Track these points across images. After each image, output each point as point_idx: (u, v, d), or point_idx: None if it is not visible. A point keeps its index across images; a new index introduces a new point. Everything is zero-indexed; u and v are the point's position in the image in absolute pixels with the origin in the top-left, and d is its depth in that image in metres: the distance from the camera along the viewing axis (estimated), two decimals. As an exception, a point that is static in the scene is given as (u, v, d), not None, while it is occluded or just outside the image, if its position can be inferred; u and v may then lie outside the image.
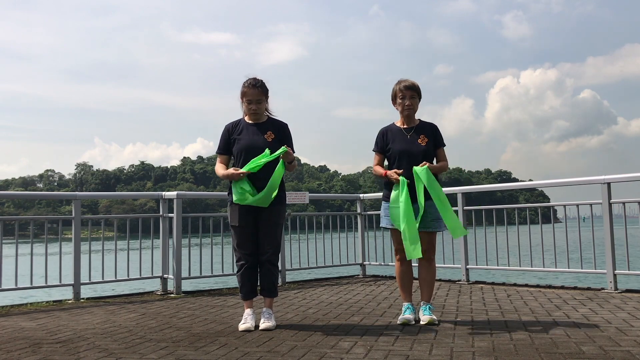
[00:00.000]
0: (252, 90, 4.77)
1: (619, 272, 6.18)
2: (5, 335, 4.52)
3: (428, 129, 4.82)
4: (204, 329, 4.59)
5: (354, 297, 6.29)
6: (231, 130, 4.88)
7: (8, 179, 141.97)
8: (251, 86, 4.78)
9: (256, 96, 4.77)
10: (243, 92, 4.80)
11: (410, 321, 4.56)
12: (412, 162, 4.66)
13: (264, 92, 4.82)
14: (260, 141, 4.73)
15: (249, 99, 4.77)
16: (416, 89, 4.81)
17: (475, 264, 7.52)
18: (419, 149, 4.69)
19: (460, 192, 7.44)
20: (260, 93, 4.79)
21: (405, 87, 4.78)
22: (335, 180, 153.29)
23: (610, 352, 3.49)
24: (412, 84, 4.81)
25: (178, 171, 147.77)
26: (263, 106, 4.83)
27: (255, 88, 4.78)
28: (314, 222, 8.44)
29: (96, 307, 5.92)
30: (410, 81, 4.83)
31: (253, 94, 4.77)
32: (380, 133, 4.93)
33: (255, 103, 4.77)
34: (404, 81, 4.84)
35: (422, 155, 4.68)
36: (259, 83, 4.81)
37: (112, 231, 7.55)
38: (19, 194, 13.24)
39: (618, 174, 6.23)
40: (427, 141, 4.73)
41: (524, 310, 5.09)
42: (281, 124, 4.90)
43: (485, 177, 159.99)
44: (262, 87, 4.81)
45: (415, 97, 4.79)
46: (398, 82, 4.86)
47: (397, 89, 4.82)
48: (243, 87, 4.81)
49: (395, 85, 4.87)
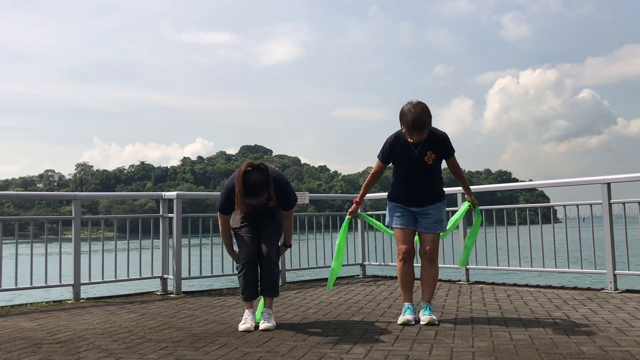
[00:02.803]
0: (254, 199, 4.42)
1: (619, 272, 6.18)
2: (5, 335, 4.52)
3: (437, 143, 4.64)
4: (204, 329, 4.58)
5: (354, 297, 6.29)
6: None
7: (8, 179, 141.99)
8: (253, 195, 4.38)
9: (258, 201, 4.46)
10: (242, 197, 4.37)
11: (411, 321, 4.56)
12: (416, 178, 4.70)
13: (267, 192, 4.42)
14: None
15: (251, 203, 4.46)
16: (426, 125, 4.45)
17: (475, 264, 7.52)
18: (425, 166, 4.66)
19: (460, 193, 7.43)
20: (263, 197, 4.43)
21: (413, 126, 4.43)
22: (335, 180, 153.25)
23: (610, 352, 3.49)
24: (421, 122, 4.41)
25: (178, 171, 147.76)
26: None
27: (257, 196, 4.39)
28: (314, 222, 8.44)
29: (96, 307, 5.91)
30: (419, 117, 4.41)
31: (255, 201, 4.44)
32: (389, 144, 4.72)
33: (257, 201, 4.47)
34: (414, 114, 4.41)
35: (427, 173, 4.69)
36: (263, 189, 4.36)
37: (112, 231, 7.55)
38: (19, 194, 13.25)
39: (618, 174, 6.23)
40: (434, 157, 4.66)
41: (524, 310, 5.09)
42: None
43: (485, 177, 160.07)
44: (266, 189, 4.39)
45: (423, 131, 4.49)
46: (409, 109, 4.46)
47: (405, 122, 4.49)
48: (242, 190, 4.33)
49: (406, 108, 4.49)
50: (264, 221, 4.72)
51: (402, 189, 4.76)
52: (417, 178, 4.71)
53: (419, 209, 4.73)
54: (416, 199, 4.72)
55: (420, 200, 4.72)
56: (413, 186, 4.71)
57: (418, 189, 4.71)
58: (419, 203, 4.72)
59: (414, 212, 4.75)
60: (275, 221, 4.77)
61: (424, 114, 4.44)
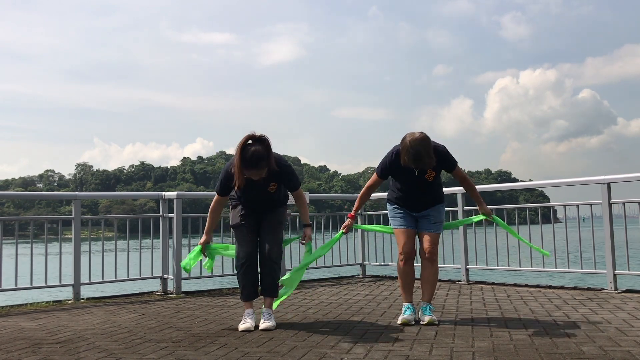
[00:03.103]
0: (253, 171, 4.33)
1: (619, 273, 6.18)
2: (5, 335, 4.52)
3: (438, 160, 4.57)
4: (204, 329, 4.58)
5: (354, 297, 6.29)
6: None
7: (8, 179, 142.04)
8: (252, 167, 4.29)
9: (259, 174, 4.37)
10: (240, 169, 4.30)
11: (411, 321, 4.57)
12: (415, 192, 4.71)
13: (267, 165, 4.34)
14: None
15: (248, 176, 4.36)
16: (423, 161, 4.36)
17: (475, 264, 7.52)
18: (425, 183, 4.67)
19: (460, 193, 7.43)
20: (263, 171, 4.35)
21: (412, 162, 4.37)
22: (335, 180, 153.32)
23: (610, 352, 3.49)
24: (418, 160, 4.33)
25: (178, 171, 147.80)
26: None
27: (257, 168, 4.30)
28: (314, 222, 8.43)
29: (96, 307, 5.91)
30: (418, 155, 4.31)
31: (255, 174, 4.35)
32: (387, 163, 4.66)
33: (256, 176, 4.38)
34: (413, 152, 4.31)
35: (427, 186, 4.69)
36: (262, 161, 4.26)
37: (112, 231, 7.55)
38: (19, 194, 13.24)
39: (618, 174, 6.23)
40: (434, 174, 4.67)
41: (524, 310, 5.09)
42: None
43: (485, 177, 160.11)
44: (266, 161, 4.30)
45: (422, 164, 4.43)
46: (410, 143, 4.34)
47: (405, 155, 4.40)
48: (240, 162, 4.26)
49: (407, 140, 4.37)
50: (265, 219, 4.71)
51: (401, 197, 4.80)
52: (416, 192, 4.74)
53: (419, 214, 4.79)
54: (416, 206, 4.78)
55: (420, 207, 4.78)
56: (412, 196, 4.76)
57: (418, 199, 4.76)
58: (419, 209, 4.78)
59: (414, 215, 4.79)
60: (276, 219, 4.76)
61: (424, 150, 4.33)
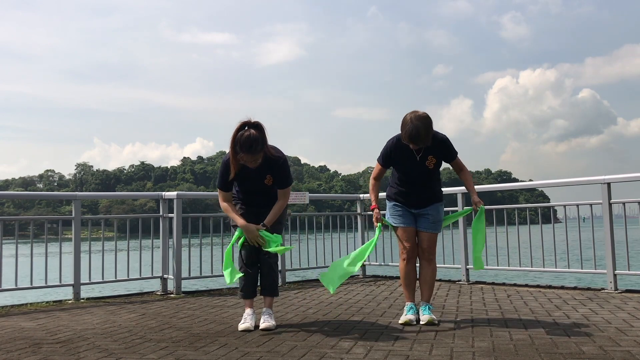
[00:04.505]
0: (248, 157, 4.34)
1: (619, 272, 6.18)
2: (5, 335, 4.52)
3: (439, 147, 4.62)
4: (204, 329, 4.58)
5: (354, 297, 6.29)
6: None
7: (8, 179, 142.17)
8: (246, 150, 4.29)
9: (254, 160, 4.37)
10: (237, 154, 4.34)
11: (412, 321, 4.57)
12: (416, 182, 4.71)
13: (262, 150, 4.35)
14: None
15: (243, 162, 4.38)
16: (421, 139, 4.39)
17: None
18: (426, 171, 4.67)
19: (460, 193, 7.43)
20: (258, 156, 4.37)
21: (409, 138, 4.40)
22: (335, 180, 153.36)
23: (610, 352, 3.49)
24: (417, 136, 4.36)
25: (178, 171, 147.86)
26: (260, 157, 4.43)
27: (252, 152, 4.30)
28: (314, 222, 8.44)
29: (96, 307, 5.91)
30: (417, 130, 4.34)
31: (250, 160, 4.36)
32: (389, 148, 4.69)
33: (252, 163, 4.39)
34: (412, 126, 4.35)
35: (427, 176, 4.70)
36: (257, 145, 4.28)
37: (112, 231, 7.55)
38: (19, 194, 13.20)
39: (618, 174, 6.22)
40: (435, 162, 4.66)
41: (524, 310, 5.09)
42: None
43: (485, 177, 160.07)
44: (261, 145, 4.31)
45: (419, 143, 4.45)
46: (410, 119, 4.39)
47: (404, 132, 4.44)
48: (238, 146, 4.29)
49: (408, 117, 4.43)
50: (264, 218, 4.71)
51: (401, 192, 4.79)
52: (417, 182, 4.73)
53: (418, 211, 4.77)
54: (416, 202, 4.76)
55: (419, 203, 4.76)
56: (413, 189, 4.75)
57: (418, 192, 4.74)
58: (418, 205, 4.76)
59: (413, 212, 4.78)
60: (278, 221, 4.75)
61: (423, 127, 4.36)
